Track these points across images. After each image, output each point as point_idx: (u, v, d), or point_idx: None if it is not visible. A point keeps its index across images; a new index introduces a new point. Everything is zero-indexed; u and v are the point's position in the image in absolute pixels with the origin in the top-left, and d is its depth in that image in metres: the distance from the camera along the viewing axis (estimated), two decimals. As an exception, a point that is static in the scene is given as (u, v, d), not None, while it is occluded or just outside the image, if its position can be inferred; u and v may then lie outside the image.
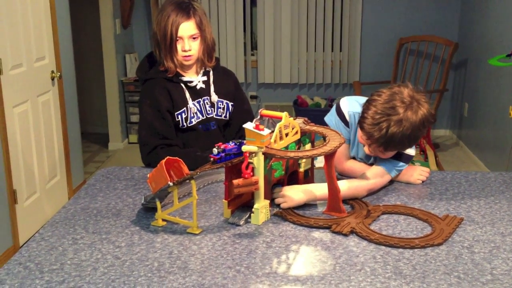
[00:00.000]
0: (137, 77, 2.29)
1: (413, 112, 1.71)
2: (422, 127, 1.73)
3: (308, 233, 1.59)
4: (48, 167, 3.87)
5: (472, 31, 5.17)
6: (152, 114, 2.16)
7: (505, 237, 1.57)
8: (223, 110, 2.28)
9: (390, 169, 1.90)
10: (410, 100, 1.72)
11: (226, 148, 1.63)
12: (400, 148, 1.82)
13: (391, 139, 1.72)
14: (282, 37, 5.66)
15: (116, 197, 1.85)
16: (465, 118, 5.31)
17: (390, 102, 1.72)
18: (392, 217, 1.70)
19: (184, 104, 2.19)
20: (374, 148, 1.81)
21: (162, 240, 1.55)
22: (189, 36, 2.12)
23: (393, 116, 1.70)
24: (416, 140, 1.78)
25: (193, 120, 2.21)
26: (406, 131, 1.70)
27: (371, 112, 1.73)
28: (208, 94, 2.25)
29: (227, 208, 1.68)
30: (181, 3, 2.12)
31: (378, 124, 1.71)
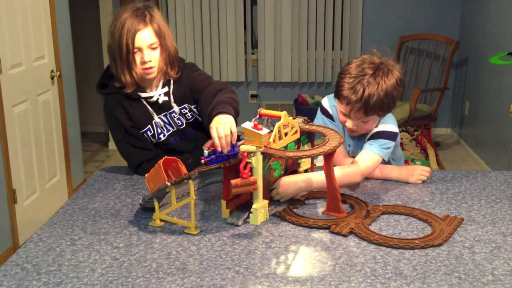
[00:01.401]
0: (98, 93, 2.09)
1: (384, 72, 1.82)
2: (396, 85, 1.83)
3: (308, 234, 1.58)
4: (47, 167, 3.86)
5: (473, 29, 5.15)
6: (121, 133, 2.04)
7: (506, 237, 1.55)
8: (190, 112, 2.10)
9: (376, 148, 1.91)
10: (380, 62, 1.84)
11: (217, 151, 1.62)
12: (380, 109, 1.83)
13: (369, 99, 1.79)
14: (283, 36, 5.64)
15: (115, 197, 1.84)
16: (466, 116, 5.30)
17: (361, 67, 1.83)
18: (392, 217, 1.69)
19: (149, 121, 2.04)
20: (355, 116, 1.86)
21: (160, 240, 1.54)
22: (148, 45, 1.92)
23: (366, 77, 1.80)
24: (393, 100, 1.84)
25: (161, 136, 2.06)
26: (381, 89, 1.79)
27: (346, 79, 1.83)
28: (172, 106, 2.06)
29: (226, 208, 1.67)
30: (135, 10, 1.93)
31: (354, 87, 1.81)
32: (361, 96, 1.79)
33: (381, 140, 1.92)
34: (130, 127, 2.02)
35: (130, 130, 2.03)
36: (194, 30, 5.62)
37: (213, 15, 5.59)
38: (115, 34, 1.92)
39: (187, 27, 5.60)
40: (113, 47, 1.94)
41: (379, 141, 1.92)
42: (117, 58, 1.94)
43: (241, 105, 6.45)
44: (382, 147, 1.92)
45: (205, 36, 5.64)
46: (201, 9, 5.57)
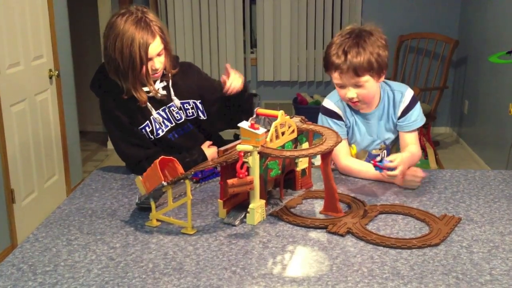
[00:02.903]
0: (93, 91, 2.10)
1: (363, 34, 1.88)
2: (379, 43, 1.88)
3: (305, 233, 1.58)
4: (46, 166, 3.85)
5: (472, 28, 5.14)
6: (119, 131, 2.02)
7: (504, 236, 1.55)
8: (193, 110, 2.10)
9: (412, 125, 2.02)
10: (359, 28, 1.91)
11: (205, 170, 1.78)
12: (368, 67, 1.86)
13: (352, 59, 1.84)
14: (282, 35, 5.63)
15: (112, 197, 1.84)
16: (465, 115, 5.29)
17: (341, 35, 1.91)
18: (390, 216, 1.68)
19: (147, 116, 2.03)
20: (348, 81, 1.89)
21: (157, 240, 1.53)
22: (157, 54, 1.95)
23: (348, 41, 1.87)
24: (380, 57, 1.88)
25: (159, 131, 2.05)
26: (362, 48, 1.85)
27: (330, 49, 1.90)
28: (171, 99, 2.07)
29: (223, 208, 1.66)
30: (138, 21, 1.89)
31: (337, 53, 1.87)
32: (345, 58, 1.85)
33: (413, 112, 2.01)
34: (128, 124, 2.01)
35: (129, 127, 2.02)
36: (193, 29, 5.62)
37: (212, 14, 5.58)
38: (123, 49, 1.88)
39: (186, 26, 5.59)
40: (123, 62, 1.90)
41: (412, 114, 2.01)
42: (129, 74, 1.92)
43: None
44: (419, 117, 2.02)
45: (204, 35, 5.63)
46: (200, 8, 5.56)
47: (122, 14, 1.92)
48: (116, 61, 1.91)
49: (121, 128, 2.02)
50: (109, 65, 1.95)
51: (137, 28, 1.89)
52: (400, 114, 2.01)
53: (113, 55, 1.91)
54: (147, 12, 1.96)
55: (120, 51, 1.89)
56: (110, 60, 1.93)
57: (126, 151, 2.05)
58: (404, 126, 2.02)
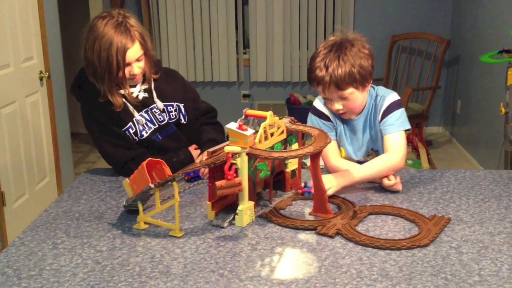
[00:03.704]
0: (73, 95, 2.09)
1: (345, 45, 1.84)
2: (361, 54, 1.84)
3: (294, 235, 1.57)
4: (37, 169, 3.82)
5: (464, 28, 5.15)
6: (103, 132, 2.01)
7: (494, 236, 1.54)
8: (176, 112, 2.10)
9: (394, 126, 1.91)
10: (341, 38, 1.87)
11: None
12: (351, 80, 1.83)
13: (334, 72, 1.81)
14: (274, 35, 5.63)
15: (99, 200, 1.82)
16: (458, 115, 5.29)
17: (323, 48, 1.87)
18: (380, 217, 1.67)
19: (129, 118, 2.02)
20: (331, 95, 1.87)
21: (144, 243, 1.52)
22: (136, 59, 1.94)
23: (329, 54, 1.83)
24: (363, 69, 1.83)
25: (143, 133, 2.04)
26: (343, 61, 1.81)
27: (312, 63, 1.87)
28: (153, 102, 2.06)
29: (211, 210, 1.65)
30: (118, 25, 1.89)
31: (319, 66, 1.84)
32: (326, 72, 1.82)
33: (393, 115, 1.92)
34: (111, 126, 2.00)
35: (112, 129, 2.01)
36: (186, 30, 5.60)
37: (204, 15, 5.56)
38: (101, 52, 1.88)
39: (178, 27, 5.58)
40: (100, 65, 1.90)
41: (391, 117, 1.92)
42: (105, 77, 1.92)
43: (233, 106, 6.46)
44: (399, 122, 1.92)
45: (197, 36, 5.61)
46: (192, 9, 5.55)
47: (103, 17, 1.92)
48: (94, 63, 1.91)
49: (105, 130, 2.01)
50: (88, 67, 1.95)
51: (117, 32, 1.89)
52: (380, 117, 1.95)
53: (91, 57, 1.90)
54: (129, 17, 1.95)
55: (98, 54, 1.89)
56: (89, 63, 1.93)
57: (112, 153, 2.04)
58: (383, 128, 1.95)
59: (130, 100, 2.02)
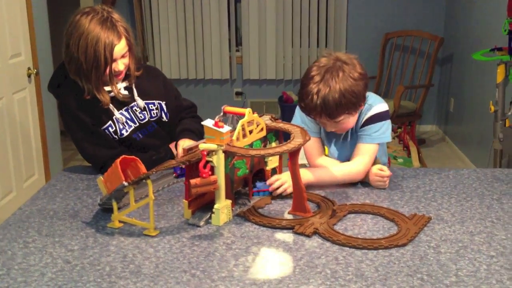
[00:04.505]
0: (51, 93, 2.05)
1: (334, 72, 1.74)
2: (351, 80, 1.74)
3: (271, 234, 1.54)
4: (25, 166, 3.79)
5: (457, 25, 5.12)
6: (82, 131, 1.97)
7: (474, 236, 1.51)
8: (157, 110, 2.06)
9: (369, 139, 1.89)
10: (331, 63, 1.77)
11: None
12: (342, 109, 1.76)
13: (324, 104, 1.73)
14: (267, 33, 5.59)
15: (76, 198, 1.79)
16: (451, 113, 5.27)
17: (311, 75, 1.77)
18: (359, 216, 1.64)
19: (109, 117, 1.97)
20: (323, 122, 1.84)
21: (117, 243, 1.49)
22: (121, 56, 1.91)
23: (317, 83, 1.74)
24: (355, 96, 1.76)
25: (123, 131, 1.99)
26: (333, 90, 1.73)
27: (301, 90, 1.79)
28: (134, 99, 2.02)
29: (188, 209, 1.62)
30: (104, 21, 1.85)
31: (308, 96, 1.76)
32: (316, 103, 1.74)
33: (372, 127, 1.89)
34: (91, 125, 1.97)
35: (91, 128, 1.97)
36: (178, 27, 5.56)
37: (197, 12, 5.52)
38: (87, 48, 1.84)
39: (170, 24, 5.54)
40: (86, 63, 1.85)
41: (370, 128, 1.89)
42: (92, 75, 1.88)
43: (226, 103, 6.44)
44: (376, 134, 1.89)
45: (189, 33, 5.58)
46: (184, 6, 5.51)
47: (86, 13, 1.88)
48: (78, 60, 1.86)
49: (84, 129, 1.97)
50: (71, 64, 1.90)
51: (103, 28, 1.85)
52: (361, 125, 1.90)
53: (76, 54, 1.86)
54: (112, 12, 1.92)
55: (84, 50, 1.85)
56: (72, 60, 1.88)
57: (91, 152, 2.00)
58: (359, 136, 1.91)
59: (117, 97, 1.98)
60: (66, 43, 1.89)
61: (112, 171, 1.54)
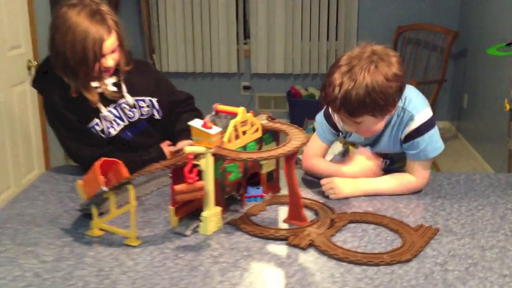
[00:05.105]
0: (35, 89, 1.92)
1: (366, 66, 1.54)
2: (383, 79, 1.54)
3: (263, 246, 1.41)
4: (24, 161, 3.70)
5: (472, 19, 4.95)
6: (67, 129, 1.86)
7: (485, 251, 1.38)
8: (148, 108, 1.95)
9: (423, 155, 1.71)
10: (367, 55, 1.56)
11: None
12: (365, 109, 1.56)
13: (345, 98, 1.53)
14: (276, 26, 5.45)
15: (57, 202, 1.67)
16: (464, 110, 5.11)
17: (343, 62, 1.58)
18: (361, 226, 1.51)
19: (96, 114, 1.86)
20: (343, 119, 1.66)
21: (95, 254, 1.37)
22: (111, 51, 1.79)
23: (345, 73, 1.55)
24: (383, 97, 1.54)
25: (111, 130, 1.89)
26: (359, 85, 1.52)
27: (328, 78, 1.60)
28: (123, 96, 1.90)
29: (174, 216, 1.50)
30: (93, 14, 1.73)
31: (331, 85, 1.57)
32: (336, 96, 1.55)
33: (421, 141, 1.69)
34: (77, 123, 1.85)
35: (77, 126, 1.85)
36: (185, 20, 5.44)
37: (204, 4, 5.39)
38: (75, 45, 1.72)
39: (177, 16, 5.41)
40: (73, 59, 1.73)
41: (419, 142, 1.69)
42: (80, 71, 1.76)
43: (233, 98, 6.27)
44: (430, 148, 1.70)
45: (196, 25, 5.45)
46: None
47: (74, 5, 1.76)
48: (65, 56, 1.74)
49: (69, 127, 1.86)
50: (57, 59, 1.78)
51: (92, 21, 1.73)
52: (404, 139, 1.71)
53: (63, 49, 1.74)
54: (101, 4, 1.80)
55: (71, 46, 1.72)
56: (59, 54, 1.76)
57: (77, 152, 1.89)
58: (407, 153, 1.74)
59: (105, 94, 1.87)
60: (52, 37, 1.77)
61: (91, 174, 1.42)
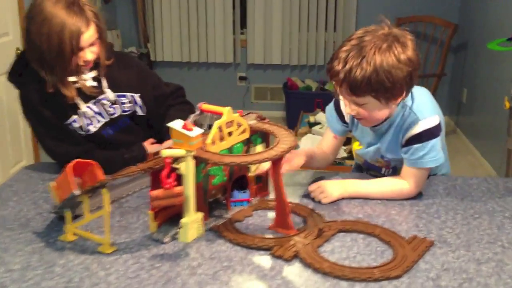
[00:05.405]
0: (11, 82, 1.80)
1: (379, 44, 1.46)
2: (394, 62, 1.46)
3: (245, 256, 1.33)
4: (12, 151, 3.62)
5: (473, 12, 4.85)
6: (44, 126, 1.77)
7: (481, 265, 1.29)
8: (130, 104, 1.86)
9: (420, 163, 1.61)
10: (382, 33, 1.49)
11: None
12: (368, 88, 1.47)
13: (350, 72, 1.46)
14: (273, 15, 5.34)
15: (31, 203, 1.59)
16: (464, 104, 5.02)
17: (356, 36, 1.50)
18: (350, 235, 1.43)
19: (74, 110, 1.77)
20: (344, 95, 1.56)
21: (65, 262, 1.29)
22: (89, 44, 1.70)
23: (355, 47, 1.48)
24: (389, 79, 1.46)
25: (90, 127, 1.80)
26: (367, 62, 1.45)
27: (337, 50, 1.52)
28: (103, 92, 1.80)
29: (153, 221, 1.41)
30: (70, 5, 1.63)
31: (338, 57, 1.49)
32: (339, 69, 1.48)
33: (419, 148, 1.60)
34: (54, 119, 1.76)
35: (54, 123, 1.76)
36: (180, 8, 5.32)
37: (200, -8, 5.29)
38: (51, 37, 1.62)
39: (172, 5, 5.29)
40: (49, 52, 1.64)
41: (417, 150, 1.60)
42: (56, 65, 1.67)
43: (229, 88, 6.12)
44: (426, 157, 1.61)
45: (191, 14, 5.34)
46: (187, -15, 5.27)
47: None
48: (41, 49, 1.64)
49: (46, 124, 1.77)
50: (32, 52, 1.68)
51: (69, 12, 1.63)
52: (405, 142, 1.63)
53: (38, 42, 1.63)
54: None
55: (47, 38, 1.62)
56: (34, 47, 1.66)
57: (55, 150, 1.80)
58: (404, 157, 1.65)
59: (83, 90, 1.77)
60: (27, 29, 1.67)
61: (63, 177, 1.33)
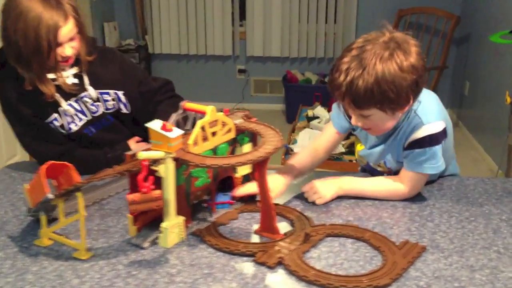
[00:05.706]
0: None
1: (379, 53, 1.38)
2: (398, 71, 1.37)
3: (227, 262, 1.27)
4: (5, 146, 3.57)
5: (475, 4, 4.76)
6: (24, 125, 1.73)
7: (474, 272, 1.23)
8: (114, 102, 1.80)
9: (419, 167, 1.55)
10: (383, 41, 1.41)
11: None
12: (371, 100, 1.40)
13: (351, 85, 1.38)
14: (273, 7, 5.26)
15: (9, 204, 1.53)
16: (466, 97, 4.94)
17: (356, 46, 1.42)
18: (338, 240, 1.37)
19: (54, 108, 1.71)
20: (348, 109, 1.49)
21: (38, 269, 1.23)
22: (68, 39, 1.64)
23: (356, 58, 1.39)
24: (394, 90, 1.38)
25: (72, 126, 1.74)
26: (368, 74, 1.37)
27: (338, 61, 1.43)
28: (84, 89, 1.74)
29: (133, 225, 1.36)
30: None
31: (339, 70, 1.41)
32: (341, 82, 1.40)
33: (419, 153, 1.53)
34: (33, 118, 1.70)
35: (34, 122, 1.71)
36: (178, 0, 5.25)
37: (198, -17, 5.21)
38: (27, 30, 1.56)
39: (170, -4, 5.23)
40: (26, 48, 1.58)
41: (418, 154, 1.54)
42: (33, 62, 1.61)
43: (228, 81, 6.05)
44: (426, 163, 1.54)
45: (190, 5, 5.26)
46: (185, -23, 5.20)
47: None
48: (17, 45, 1.58)
49: (25, 123, 1.71)
50: (9, 49, 1.62)
51: (46, 6, 1.57)
52: (407, 146, 1.56)
53: (15, 38, 1.57)
54: None
55: (23, 33, 1.56)
56: (11, 43, 1.59)
57: (36, 149, 1.75)
58: (404, 160, 1.58)
59: (63, 87, 1.71)
60: (3, 25, 1.60)
61: (36, 179, 1.28)
